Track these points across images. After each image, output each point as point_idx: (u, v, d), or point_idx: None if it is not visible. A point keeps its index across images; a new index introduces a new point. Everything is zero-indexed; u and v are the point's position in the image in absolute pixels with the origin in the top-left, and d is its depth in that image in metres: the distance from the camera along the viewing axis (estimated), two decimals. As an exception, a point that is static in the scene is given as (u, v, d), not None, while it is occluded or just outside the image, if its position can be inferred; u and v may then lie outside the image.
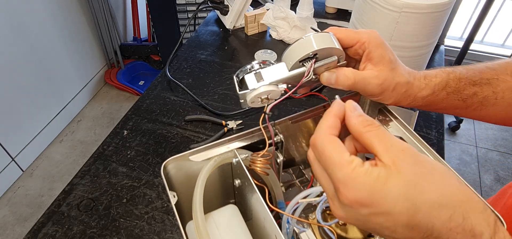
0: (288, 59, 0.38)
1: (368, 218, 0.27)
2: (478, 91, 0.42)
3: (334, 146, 0.28)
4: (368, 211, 0.26)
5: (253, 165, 0.41)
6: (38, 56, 1.85)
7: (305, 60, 0.37)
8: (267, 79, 0.38)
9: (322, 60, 0.38)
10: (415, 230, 0.26)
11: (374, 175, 0.26)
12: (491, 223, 0.26)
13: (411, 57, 0.78)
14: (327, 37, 0.37)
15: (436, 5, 0.69)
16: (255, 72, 0.38)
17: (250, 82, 0.38)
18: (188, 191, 0.42)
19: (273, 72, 0.38)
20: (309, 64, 0.37)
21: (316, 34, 0.37)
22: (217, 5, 1.07)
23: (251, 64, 0.39)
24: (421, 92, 0.41)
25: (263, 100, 0.38)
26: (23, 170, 1.86)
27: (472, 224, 0.25)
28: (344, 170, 0.27)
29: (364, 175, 0.26)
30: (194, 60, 0.97)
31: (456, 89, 0.42)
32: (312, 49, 0.36)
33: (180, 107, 0.82)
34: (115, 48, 2.32)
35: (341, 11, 1.17)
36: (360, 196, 0.26)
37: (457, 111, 0.45)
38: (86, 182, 0.66)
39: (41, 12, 1.83)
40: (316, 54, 0.37)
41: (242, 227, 0.42)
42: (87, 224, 0.60)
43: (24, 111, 1.82)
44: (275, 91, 0.38)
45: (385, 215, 0.26)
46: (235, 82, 0.39)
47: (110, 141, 0.74)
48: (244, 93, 0.38)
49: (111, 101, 2.30)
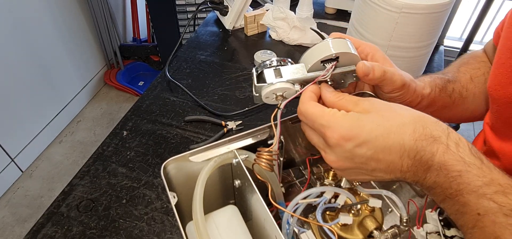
0: (308, 59, 0.39)
1: (353, 151, 0.33)
2: (455, 87, 0.49)
3: (314, 104, 0.36)
4: (352, 144, 0.33)
5: (258, 160, 0.41)
6: (38, 57, 1.85)
7: (326, 62, 0.38)
8: (285, 77, 0.38)
9: (341, 67, 0.39)
10: (392, 151, 0.32)
11: (350, 115, 0.34)
12: (444, 129, 0.32)
13: (411, 58, 0.78)
14: (344, 43, 0.39)
15: (435, 5, 0.69)
16: (274, 68, 0.39)
17: (269, 76, 0.38)
18: (188, 191, 0.42)
19: (292, 71, 0.39)
20: (330, 64, 0.38)
21: (334, 40, 0.39)
22: (216, 5, 1.07)
23: (271, 60, 0.40)
24: (425, 90, 0.45)
25: (277, 97, 0.39)
26: (23, 171, 1.86)
27: (431, 130, 0.32)
28: (326, 117, 0.34)
29: (342, 116, 0.34)
30: (194, 60, 0.97)
31: (443, 87, 0.47)
32: (335, 51, 0.37)
33: (179, 108, 0.82)
34: (115, 49, 2.31)
35: (341, 12, 1.17)
36: (342, 132, 0.33)
37: (446, 112, 0.49)
38: (85, 182, 0.66)
39: (40, 12, 1.83)
40: (338, 57, 0.38)
41: (242, 228, 0.42)
42: (86, 225, 0.60)
43: (24, 112, 1.82)
44: (291, 90, 0.38)
45: (366, 144, 0.32)
46: (254, 76, 0.40)
47: (110, 141, 0.74)
48: (261, 86, 0.39)
49: (110, 102, 2.29)
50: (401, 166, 0.33)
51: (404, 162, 0.32)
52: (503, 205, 0.29)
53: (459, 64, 0.55)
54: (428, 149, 0.31)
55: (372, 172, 0.34)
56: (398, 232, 0.41)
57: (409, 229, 0.42)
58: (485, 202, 0.29)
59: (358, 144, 0.32)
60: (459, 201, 0.31)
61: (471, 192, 0.30)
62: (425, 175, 0.32)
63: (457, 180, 0.30)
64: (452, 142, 0.31)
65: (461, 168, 0.30)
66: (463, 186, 0.30)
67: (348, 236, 0.42)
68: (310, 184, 0.49)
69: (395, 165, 0.33)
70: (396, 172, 0.33)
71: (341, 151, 0.33)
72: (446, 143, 0.31)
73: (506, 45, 0.43)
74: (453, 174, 0.31)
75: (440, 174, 0.31)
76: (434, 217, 0.43)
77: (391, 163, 0.33)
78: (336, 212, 0.43)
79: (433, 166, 0.31)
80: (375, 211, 0.43)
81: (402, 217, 0.41)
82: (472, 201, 0.30)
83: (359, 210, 0.43)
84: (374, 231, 0.41)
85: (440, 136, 0.31)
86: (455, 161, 0.31)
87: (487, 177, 0.30)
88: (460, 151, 0.31)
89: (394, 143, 0.32)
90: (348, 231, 0.42)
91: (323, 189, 0.41)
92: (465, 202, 0.31)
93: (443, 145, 0.31)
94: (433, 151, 0.31)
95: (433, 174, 0.32)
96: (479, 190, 0.30)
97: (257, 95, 0.40)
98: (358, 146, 0.32)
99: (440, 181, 0.31)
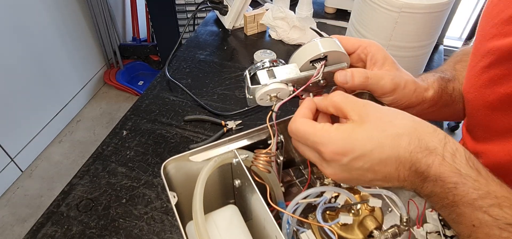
0: (298, 59, 0.39)
1: (350, 165, 0.32)
2: (455, 86, 0.48)
3: (305, 122, 0.35)
4: (348, 159, 0.32)
5: (256, 162, 0.41)
6: (37, 57, 1.85)
7: (315, 62, 0.38)
8: (279, 77, 0.38)
9: (332, 65, 0.39)
10: (388, 163, 0.32)
11: (343, 128, 0.33)
12: (441, 138, 0.32)
13: (411, 57, 0.78)
14: (333, 42, 0.39)
15: (435, 5, 0.69)
16: (267, 69, 0.39)
17: (262, 78, 0.38)
18: (188, 191, 0.42)
19: (285, 71, 0.39)
20: (320, 64, 0.38)
21: (322, 39, 0.39)
22: (216, 5, 1.07)
23: (263, 61, 0.40)
24: (428, 92, 0.44)
25: (272, 98, 0.39)
26: (22, 170, 1.86)
27: (426, 142, 0.31)
28: (318, 133, 0.33)
29: (335, 131, 0.33)
30: (194, 60, 0.97)
31: (444, 87, 0.46)
32: (322, 50, 0.37)
33: (179, 107, 0.82)
34: (114, 49, 2.31)
35: (340, 11, 1.17)
36: (336, 148, 0.32)
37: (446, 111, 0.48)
38: (85, 182, 0.66)
39: (40, 12, 1.82)
40: (326, 56, 0.38)
41: (242, 228, 0.42)
42: (86, 224, 0.59)
43: (23, 111, 1.82)
44: (285, 90, 0.38)
45: (361, 158, 0.32)
46: (247, 78, 0.40)
47: (109, 141, 0.74)
48: (255, 87, 0.39)
49: (110, 102, 2.29)
50: (398, 176, 0.32)
51: (401, 173, 0.32)
52: (498, 218, 0.29)
53: (453, 62, 0.54)
54: (423, 161, 0.31)
55: (371, 182, 0.34)
56: (398, 232, 0.41)
57: (409, 228, 0.42)
58: (480, 215, 0.29)
59: (354, 158, 0.32)
60: (455, 211, 0.31)
61: (467, 204, 0.30)
62: (423, 185, 0.32)
63: (453, 192, 0.30)
64: (448, 153, 0.31)
65: (457, 180, 0.30)
66: (458, 198, 0.30)
67: (348, 235, 0.42)
68: (310, 184, 0.49)
69: (392, 176, 0.32)
70: (394, 181, 0.33)
71: (337, 165, 0.33)
72: (442, 154, 0.31)
73: (477, 47, 0.43)
74: (449, 186, 0.30)
75: (436, 185, 0.31)
76: (434, 217, 0.43)
77: (388, 174, 0.32)
78: (336, 212, 0.43)
79: (429, 177, 0.31)
80: (375, 210, 0.43)
81: (402, 217, 0.41)
82: (467, 213, 0.30)
83: (359, 210, 0.43)
84: (374, 230, 0.41)
85: (436, 147, 0.31)
86: (451, 172, 0.30)
87: (483, 189, 0.30)
88: (456, 162, 0.30)
89: (389, 156, 0.31)
90: (348, 231, 0.42)
91: (323, 188, 0.41)
92: (461, 213, 0.31)
93: (439, 157, 0.31)
94: (428, 162, 0.31)
95: (430, 184, 0.31)
96: (475, 202, 0.29)
97: (251, 98, 0.40)
98: (354, 159, 0.32)
99: (437, 191, 0.31)
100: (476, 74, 0.43)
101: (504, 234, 0.28)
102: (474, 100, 0.44)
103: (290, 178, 0.56)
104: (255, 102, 0.40)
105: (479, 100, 0.43)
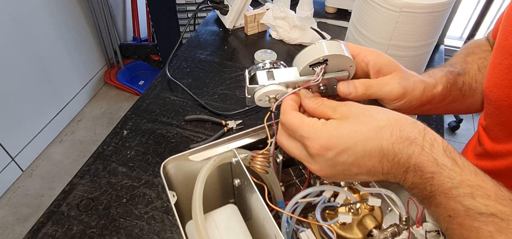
0: (299, 63, 0.39)
1: (335, 159, 0.33)
2: (465, 80, 0.47)
3: (295, 114, 0.36)
4: (333, 153, 0.33)
5: (253, 163, 0.41)
6: (38, 56, 1.85)
7: (315, 66, 0.38)
8: (278, 79, 0.38)
9: (334, 72, 0.39)
10: (372, 156, 0.32)
11: (328, 124, 0.34)
12: (421, 129, 0.32)
13: (411, 57, 0.78)
14: (337, 45, 0.38)
15: (436, 5, 0.69)
16: (267, 71, 0.39)
17: (261, 78, 0.38)
18: (187, 190, 0.42)
19: (284, 73, 0.38)
20: (319, 68, 0.38)
21: (327, 41, 0.38)
22: (216, 5, 1.07)
23: (264, 62, 0.40)
24: (437, 88, 0.43)
25: (270, 100, 0.39)
26: (23, 170, 1.86)
27: (407, 132, 0.32)
28: (305, 127, 0.34)
29: (321, 126, 0.34)
30: (194, 60, 0.97)
31: (454, 82, 0.45)
32: (322, 54, 0.37)
33: (179, 107, 0.82)
34: (115, 48, 2.31)
35: (341, 11, 1.17)
36: (322, 142, 0.33)
37: (456, 105, 0.47)
38: (85, 181, 0.66)
39: (40, 11, 1.83)
40: (326, 59, 0.37)
41: (242, 227, 0.42)
42: (87, 224, 0.60)
43: (24, 111, 1.82)
44: (283, 92, 0.38)
45: (346, 151, 0.33)
46: (246, 77, 0.40)
47: (110, 140, 0.74)
48: (254, 87, 0.39)
49: (110, 101, 2.30)
50: (382, 169, 0.33)
51: (384, 165, 0.32)
52: (470, 208, 0.29)
53: (465, 54, 0.52)
54: (404, 151, 0.31)
55: (356, 176, 0.35)
56: (398, 231, 0.41)
57: (409, 228, 0.42)
58: (454, 204, 0.29)
59: (338, 152, 0.33)
60: (433, 202, 0.31)
61: (442, 194, 0.30)
62: (405, 176, 0.32)
63: (430, 182, 0.31)
64: (427, 143, 0.31)
65: (434, 170, 0.30)
66: (435, 188, 0.30)
67: (348, 235, 0.42)
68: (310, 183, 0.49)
69: (376, 169, 0.33)
70: (378, 174, 0.33)
71: (322, 160, 0.34)
72: (422, 144, 0.31)
73: (502, 45, 0.42)
74: (427, 176, 0.31)
75: (416, 176, 0.31)
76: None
77: (372, 167, 0.33)
78: (335, 211, 0.43)
79: (409, 168, 0.31)
80: (375, 209, 0.43)
81: (402, 216, 0.41)
82: (443, 203, 0.30)
83: (358, 209, 0.43)
84: (373, 230, 0.41)
85: (416, 137, 0.31)
86: (429, 162, 0.30)
87: (457, 178, 0.29)
88: (433, 152, 0.31)
89: (373, 148, 0.32)
90: (348, 230, 0.42)
91: (322, 188, 0.41)
92: (438, 204, 0.31)
93: (418, 147, 0.31)
94: (409, 153, 0.31)
95: (410, 175, 0.32)
96: (449, 192, 0.30)
97: (250, 97, 0.40)
98: (339, 154, 0.33)
99: (417, 182, 0.32)
100: (500, 73, 0.41)
101: (475, 224, 0.28)
102: (498, 100, 0.42)
103: (289, 178, 0.56)
104: (254, 102, 0.40)
105: (504, 100, 0.41)
